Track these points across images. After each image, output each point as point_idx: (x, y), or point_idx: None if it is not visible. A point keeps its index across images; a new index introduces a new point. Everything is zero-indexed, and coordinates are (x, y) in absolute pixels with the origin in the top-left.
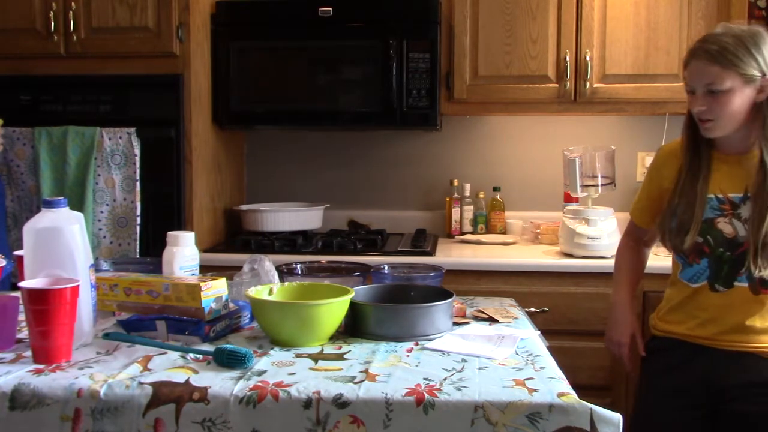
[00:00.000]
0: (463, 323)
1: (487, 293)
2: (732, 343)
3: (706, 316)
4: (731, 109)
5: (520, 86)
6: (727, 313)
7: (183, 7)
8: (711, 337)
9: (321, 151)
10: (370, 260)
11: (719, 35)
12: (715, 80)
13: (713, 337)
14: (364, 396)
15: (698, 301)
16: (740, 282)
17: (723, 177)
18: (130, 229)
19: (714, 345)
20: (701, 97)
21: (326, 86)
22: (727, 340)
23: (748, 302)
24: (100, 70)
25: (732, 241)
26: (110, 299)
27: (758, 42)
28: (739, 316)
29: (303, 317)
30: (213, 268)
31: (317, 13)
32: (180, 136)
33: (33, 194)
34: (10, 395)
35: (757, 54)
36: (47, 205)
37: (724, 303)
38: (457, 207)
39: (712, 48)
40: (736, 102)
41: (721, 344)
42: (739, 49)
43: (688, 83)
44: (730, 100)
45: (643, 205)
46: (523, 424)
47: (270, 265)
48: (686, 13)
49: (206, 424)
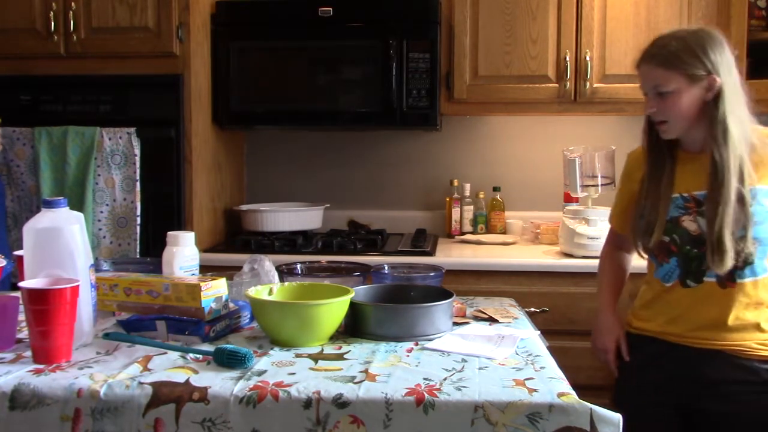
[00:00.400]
0: (463, 323)
1: (487, 293)
2: (701, 341)
3: (676, 312)
4: (680, 109)
5: (520, 86)
6: (695, 309)
7: (183, 7)
8: (681, 334)
9: (321, 151)
10: (370, 260)
11: (664, 38)
12: (661, 82)
13: (683, 334)
14: (364, 396)
15: (669, 298)
16: (709, 277)
17: (688, 175)
18: (130, 229)
19: (684, 342)
20: (651, 99)
21: (326, 86)
22: (696, 337)
23: (716, 297)
24: (100, 70)
25: (697, 238)
26: (110, 299)
27: (701, 42)
28: (707, 312)
29: (303, 317)
30: (213, 268)
31: (317, 13)
32: (180, 136)
33: (33, 194)
34: (10, 395)
35: (701, 53)
36: (47, 205)
37: (694, 299)
38: (457, 207)
39: (657, 52)
40: (684, 102)
41: (691, 341)
42: (682, 50)
43: (641, 88)
44: (678, 100)
45: (618, 211)
46: (523, 424)
47: (270, 265)
48: (686, 13)
49: (206, 424)
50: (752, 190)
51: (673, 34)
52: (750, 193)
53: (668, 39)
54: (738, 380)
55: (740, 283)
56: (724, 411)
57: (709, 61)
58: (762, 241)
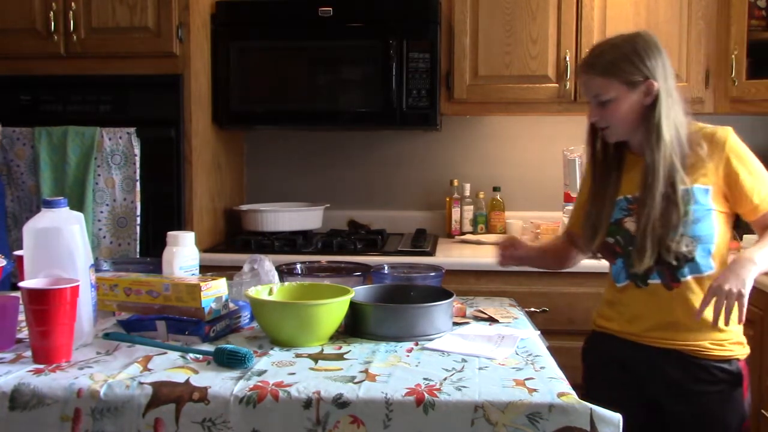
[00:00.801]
0: (463, 323)
1: (487, 293)
2: (659, 340)
3: (632, 312)
4: (620, 115)
5: (520, 86)
6: (650, 309)
7: (183, 7)
8: (639, 334)
9: (321, 151)
10: (370, 260)
11: (601, 47)
12: (601, 91)
13: (641, 334)
14: (364, 396)
15: (625, 298)
16: (654, 279)
17: (634, 177)
18: (130, 229)
19: (643, 342)
20: (593, 108)
21: (326, 86)
22: (654, 336)
23: (666, 298)
24: (100, 70)
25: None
26: (110, 299)
27: (636, 47)
28: (661, 312)
29: (303, 317)
30: (213, 268)
31: (317, 13)
32: (180, 136)
33: (33, 194)
34: (10, 395)
35: (636, 59)
36: (47, 205)
37: (647, 300)
38: (457, 207)
39: (595, 61)
40: (624, 108)
41: (649, 341)
42: (619, 57)
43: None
44: (618, 107)
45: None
46: (523, 424)
47: (270, 265)
48: (686, 13)
49: (206, 424)
50: (689, 190)
51: (609, 42)
52: (687, 194)
53: (604, 47)
54: (698, 380)
55: (684, 281)
56: (687, 411)
57: (645, 66)
58: (702, 239)
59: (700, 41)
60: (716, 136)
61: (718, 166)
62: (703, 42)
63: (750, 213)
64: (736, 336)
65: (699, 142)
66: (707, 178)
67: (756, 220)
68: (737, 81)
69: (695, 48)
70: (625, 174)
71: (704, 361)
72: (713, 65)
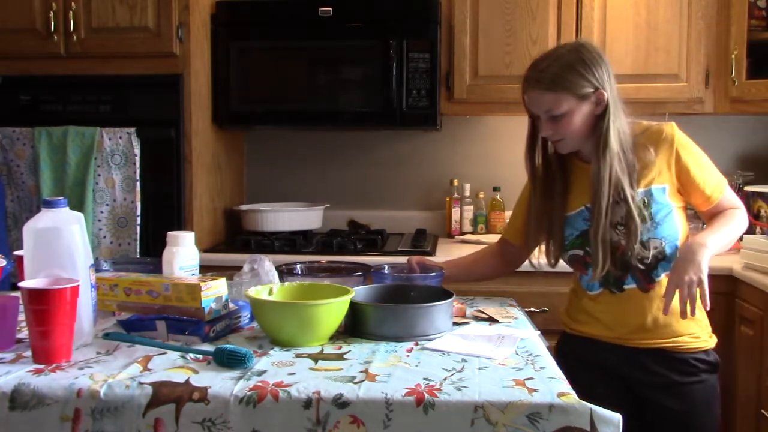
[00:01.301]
0: (463, 323)
1: (487, 293)
2: (640, 341)
3: (611, 318)
4: (574, 128)
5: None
6: (629, 314)
7: (183, 7)
8: (621, 337)
9: (321, 151)
10: (370, 260)
11: (545, 60)
12: (552, 106)
13: (623, 336)
14: (364, 396)
15: (599, 306)
16: (629, 284)
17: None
18: (130, 229)
19: (625, 344)
20: (545, 123)
21: (326, 86)
22: (636, 338)
23: (642, 301)
24: (100, 70)
25: None
26: (110, 299)
27: (582, 58)
28: (641, 315)
29: (303, 317)
30: (213, 268)
31: (317, 13)
32: (180, 136)
33: (33, 194)
34: (10, 395)
35: (584, 71)
36: (47, 205)
37: (624, 305)
38: (457, 207)
39: (542, 76)
40: (577, 120)
41: (631, 342)
42: (566, 70)
43: (528, 110)
44: (571, 120)
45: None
46: (523, 424)
47: (270, 265)
48: (686, 13)
49: (206, 424)
50: (649, 191)
51: (553, 55)
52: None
53: (550, 61)
54: (682, 373)
55: (659, 281)
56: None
57: (594, 77)
58: (669, 237)
59: (700, 41)
60: (664, 133)
61: (670, 162)
62: (703, 42)
63: (702, 204)
64: (706, 326)
65: (646, 143)
66: (662, 177)
67: (707, 210)
68: (737, 81)
69: (695, 48)
70: (576, 184)
71: (686, 354)
72: (713, 65)
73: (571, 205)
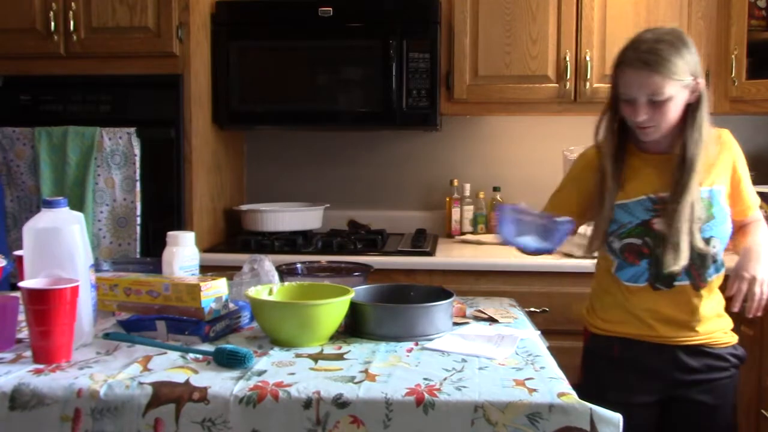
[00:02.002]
0: (463, 323)
1: (487, 293)
2: (682, 339)
3: (652, 317)
4: (672, 114)
5: (520, 86)
6: (668, 311)
7: (183, 7)
8: (662, 335)
9: (321, 151)
10: (370, 260)
11: (652, 42)
12: (657, 90)
13: (663, 334)
14: (364, 396)
15: (640, 301)
16: (681, 281)
17: (653, 177)
18: (130, 229)
19: (665, 342)
20: (642, 106)
21: (326, 86)
22: (677, 335)
23: (688, 298)
24: (100, 70)
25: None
26: (110, 299)
27: (688, 44)
28: (681, 313)
29: (303, 317)
30: (213, 268)
31: (317, 13)
32: (180, 136)
33: (33, 194)
34: (10, 395)
35: (689, 58)
36: (47, 205)
37: (665, 301)
38: (457, 207)
39: (650, 58)
40: (676, 107)
41: (671, 340)
42: (673, 55)
43: (623, 92)
44: (671, 107)
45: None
46: (523, 424)
47: (270, 265)
48: (686, 13)
49: (206, 424)
50: (711, 191)
51: (662, 39)
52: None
53: (660, 45)
54: (712, 368)
55: (710, 281)
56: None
57: (693, 63)
58: (723, 240)
59: (700, 41)
60: (722, 137)
61: (727, 167)
62: (703, 42)
63: (740, 213)
64: (731, 322)
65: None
66: (721, 179)
67: (741, 219)
68: (737, 81)
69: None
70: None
71: (720, 349)
72: (713, 65)
73: (631, 193)
